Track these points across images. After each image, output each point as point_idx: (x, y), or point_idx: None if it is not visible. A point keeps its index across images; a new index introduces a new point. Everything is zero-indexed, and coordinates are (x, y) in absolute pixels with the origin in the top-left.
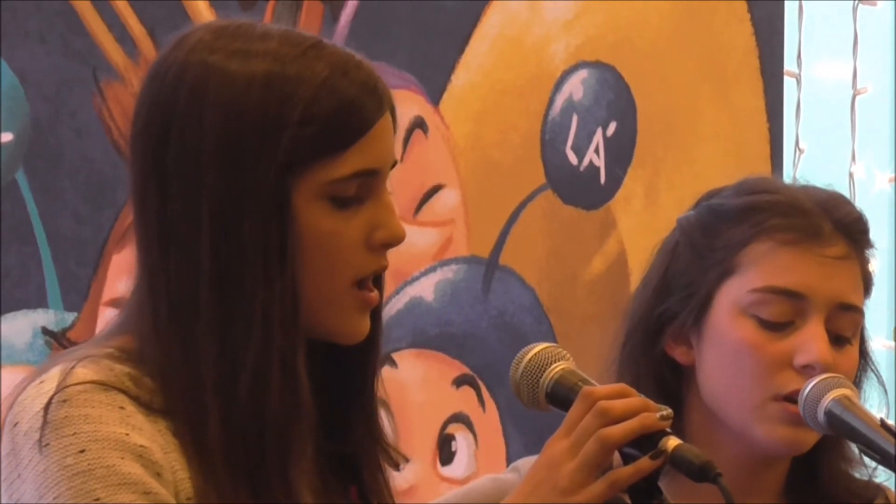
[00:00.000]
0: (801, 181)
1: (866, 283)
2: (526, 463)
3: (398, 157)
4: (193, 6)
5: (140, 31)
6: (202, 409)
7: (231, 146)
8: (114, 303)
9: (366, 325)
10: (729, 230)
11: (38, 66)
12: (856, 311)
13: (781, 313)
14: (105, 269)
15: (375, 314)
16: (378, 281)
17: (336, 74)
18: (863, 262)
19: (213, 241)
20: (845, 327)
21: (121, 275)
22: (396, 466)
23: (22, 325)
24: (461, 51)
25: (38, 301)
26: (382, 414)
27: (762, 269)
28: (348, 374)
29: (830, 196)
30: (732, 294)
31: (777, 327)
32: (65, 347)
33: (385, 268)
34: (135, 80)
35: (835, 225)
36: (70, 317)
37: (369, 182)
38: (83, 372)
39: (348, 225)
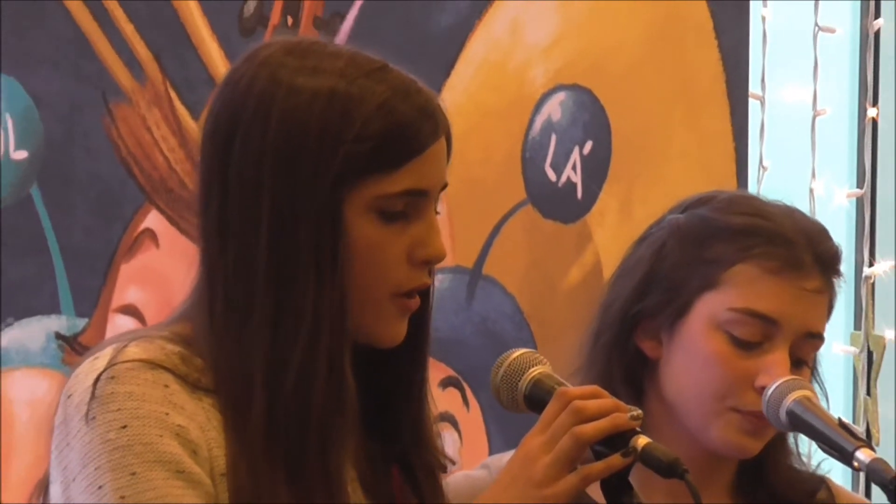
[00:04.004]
0: (766, 197)
1: (830, 312)
2: (496, 460)
3: None
4: (197, 33)
5: (147, 55)
6: (249, 398)
7: (291, 154)
8: (122, 309)
9: (401, 329)
10: (718, 246)
11: (51, 89)
12: (819, 339)
13: (753, 334)
14: (114, 278)
15: (423, 326)
16: (425, 294)
17: (396, 97)
18: (832, 294)
19: (270, 241)
20: (807, 353)
21: (129, 283)
22: (444, 469)
23: (36, 330)
24: (447, 74)
25: (51, 308)
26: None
27: (743, 290)
28: (396, 382)
29: (814, 228)
30: (711, 307)
31: (747, 346)
32: (76, 351)
33: (426, 285)
34: (142, 102)
35: (815, 258)
36: (81, 322)
37: (417, 201)
38: (133, 350)
39: (394, 239)
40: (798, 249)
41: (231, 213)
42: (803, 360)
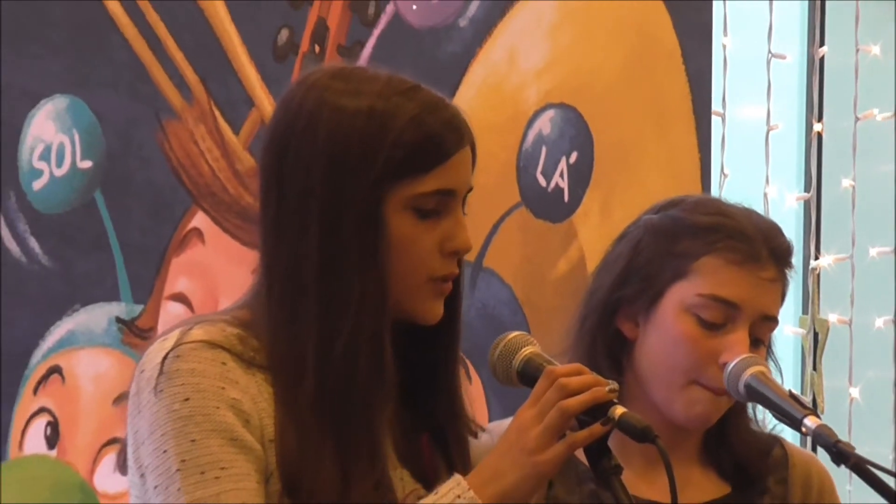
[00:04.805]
0: (728, 199)
1: (783, 298)
2: (496, 426)
3: None
4: (237, 59)
5: (194, 79)
6: (301, 370)
7: (337, 161)
8: (173, 297)
9: (439, 308)
10: (687, 241)
11: (111, 107)
12: (774, 321)
13: (717, 316)
14: (166, 270)
15: (455, 309)
16: (456, 281)
17: (425, 112)
18: (785, 283)
19: (320, 236)
20: (764, 334)
21: (178, 275)
22: (475, 435)
23: (99, 315)
24: (453, 95)
25: (112, 296)
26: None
27: (709, 279)
28: (434, 360)
29: (769, 226)
30: (681, 294)
31: (712, 327)
32: (133, 333)
33: (455, 274)
34: (190, 119)
35: (770, 252)
36: (138, 308)
37: (446, 200)
38: (197, 332)
39: (427, 233)
40: (756, 244)
41: (286, 214)
42: (760, 339)
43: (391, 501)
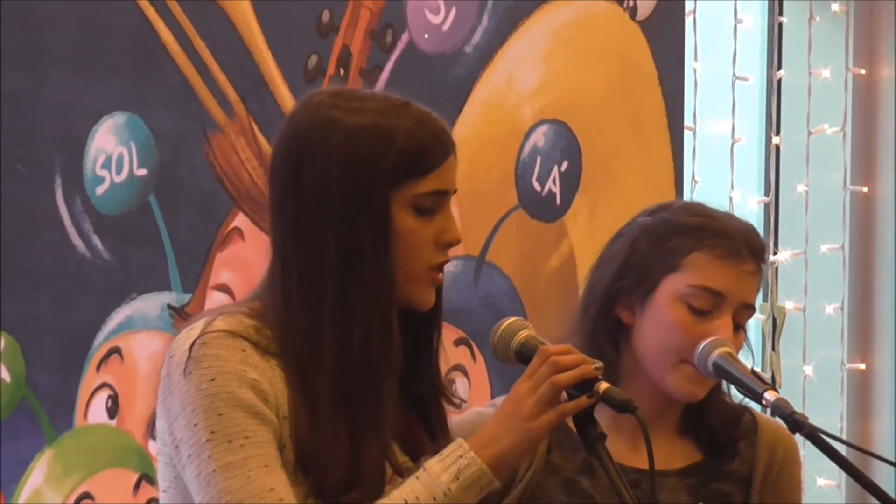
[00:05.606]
0: (710, 204)
1: (759, 289)
2: (501, 400)
3: None
4: (272, 80)
5: (236, 98)
6: (320, 354)
7: (350, 170)
8: (217, 287)
9: (432, 296)
10: (678, 239)
11: (164, 122)
12: (752, 309)
13: (706, 305)
14: (211, 264)
15: (439, 300)
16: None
17: (418, 126)
18: (761, 276)
19: (338, 232)
20: (744, 319)
21: (222, 268)
22: (458, 406)
23: (153, 303)
24: (459, 113)
25: (164, 286)
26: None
27: (698, 272)
28: (420, 340)
29: (747, 226)
30: (673, 285)
31: (701, 314)
32: (183, 318)
33: (448, 261)
34: (232, 133)
35: (749, 249)
36: (187, 297)
37: (440, 199)
38: (220, 323)
39: (425, 228)
40: (737, 242)
41: (304, 215)
42: (741, 325)
43: (394, 465)
